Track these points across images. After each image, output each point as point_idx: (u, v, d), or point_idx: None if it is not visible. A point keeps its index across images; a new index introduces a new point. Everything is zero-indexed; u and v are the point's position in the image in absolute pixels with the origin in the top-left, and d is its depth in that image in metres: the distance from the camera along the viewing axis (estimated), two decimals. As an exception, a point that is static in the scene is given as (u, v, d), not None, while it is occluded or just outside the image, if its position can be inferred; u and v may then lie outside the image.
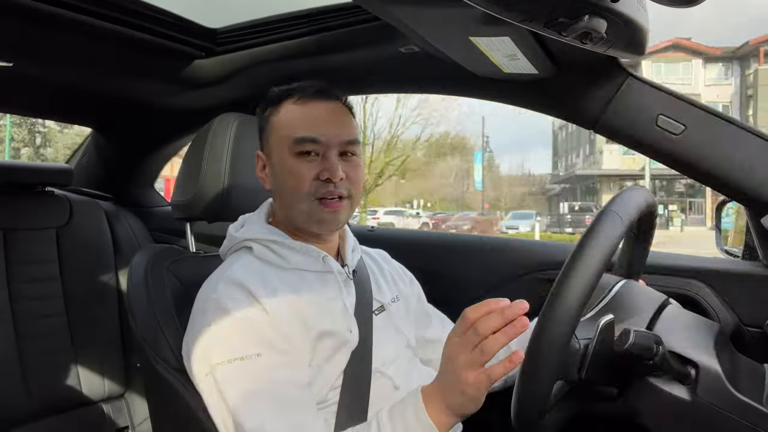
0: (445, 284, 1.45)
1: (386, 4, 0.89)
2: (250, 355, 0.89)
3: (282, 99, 1.04)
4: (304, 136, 0.99)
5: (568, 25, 0.75)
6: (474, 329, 0.77)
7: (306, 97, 1.02)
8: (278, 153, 1.02)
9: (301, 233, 1.05)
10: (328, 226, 1.02)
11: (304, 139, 0.99)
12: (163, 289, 1.10)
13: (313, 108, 1.02)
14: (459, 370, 0.79)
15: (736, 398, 0.79)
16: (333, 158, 0.99)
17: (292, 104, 1.03)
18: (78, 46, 1.36)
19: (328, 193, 0.99)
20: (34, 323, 1.57)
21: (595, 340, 0.82)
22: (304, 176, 0.98)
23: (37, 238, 1.64)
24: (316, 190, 0.99)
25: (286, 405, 0.87)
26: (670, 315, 0.90)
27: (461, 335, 0.79)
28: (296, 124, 1.00)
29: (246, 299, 0.94)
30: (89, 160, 2.12)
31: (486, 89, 1.33)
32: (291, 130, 1.00)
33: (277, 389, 0.88)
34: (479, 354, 0.77)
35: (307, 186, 0.98)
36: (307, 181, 0.98)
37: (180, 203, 1.28)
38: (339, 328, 0.99)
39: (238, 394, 0.87)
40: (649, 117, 1.12)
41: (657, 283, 1.22)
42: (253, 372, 0.88)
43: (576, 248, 0.77)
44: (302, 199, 0.99)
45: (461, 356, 0.78)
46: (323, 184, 0.99)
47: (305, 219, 1.01)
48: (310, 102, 1.02)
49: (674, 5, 0.73)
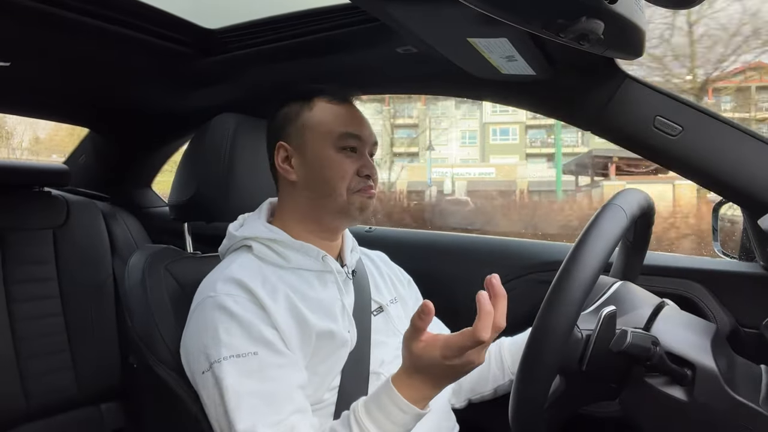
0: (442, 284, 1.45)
1: (384, 5, 0.89)
2: (247, 353, 0.89)
3: (313, 96, 1.08)
4: (349, 132, 1.05)
5: (565, 27, 0.75)
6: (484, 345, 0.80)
7: (339, 98, 1.08)
8: (317, 147, 1.05)
9: (309, 230, 1.06)
10: (366, 214, 1.07)
11: (348, 134, 1.05)
12: (161, 289, 1.09)
13: (349, 108, 1.08)
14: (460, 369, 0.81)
15: (733, 399, 0.79)
16: (367, 156, 1.06)
17: (326, 103, 1.07)
18: (75, 46, 1.36)
19: (367, 188, 1.04)
20: (31, 324, 1.57)
21: (597, 331, 0.82)
22: (347, 170, 1.04)
23: (34, 238, 1.63)
24: (356, 184, 1.04)
25: (279, 405, 0.87)
26: (667, 316, 0.90)
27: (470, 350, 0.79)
28: (339, 121, 1.06)
29: (244, 297, 0.94)
30: (86, 161, 2.11)
31: (483, 90, 1.33)
32: (334, 126, 1.05)
33: (271, 389, 0.88)
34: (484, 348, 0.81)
35: (349, 179, 1.03)
36: (349, 175, 1.03)
37: (177, 204, 1.27)
38: (337, 328, 0.99)
39: (233, 391, 0.87)
40: (647, 118, 1.12)
41: (654, 284, 1.23)
42: (249, 370, 0.88)
43: (580, 237, 0.78)
44: (342, 192, 1.03)
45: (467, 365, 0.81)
46: (362, 180, 1.04)
47: (341, 210, 1.04)
48: (343, 103, 1.08)
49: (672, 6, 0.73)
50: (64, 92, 1.75)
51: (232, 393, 0.87)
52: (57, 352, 1.60)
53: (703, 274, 1.24)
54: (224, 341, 0.90)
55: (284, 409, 0.87)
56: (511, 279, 1.44)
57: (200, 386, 0.93)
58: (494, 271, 1.48)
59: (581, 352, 0.83)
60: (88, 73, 1.57)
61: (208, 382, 0.91)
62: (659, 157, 1.15)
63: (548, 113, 1.31)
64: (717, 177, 1.11)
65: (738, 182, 1.09)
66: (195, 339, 0.95)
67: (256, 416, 0.85)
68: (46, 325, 1.60)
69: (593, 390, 0.89)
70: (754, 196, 1.08)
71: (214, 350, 0.90)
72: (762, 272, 1.19)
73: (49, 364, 1.58)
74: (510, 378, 1.15)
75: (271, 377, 0.89)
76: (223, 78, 1.55)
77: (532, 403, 0.76)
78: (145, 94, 1.73)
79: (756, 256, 1.21)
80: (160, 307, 1.07)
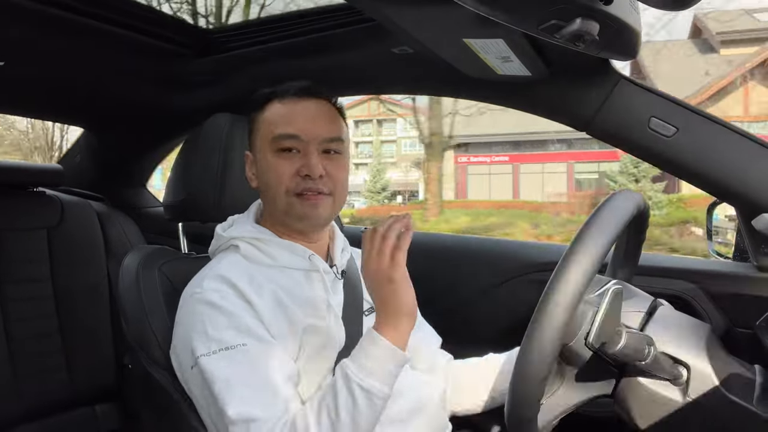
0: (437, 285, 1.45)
1: (379, 5, 0.89)
2: (236, 345, 0.90)
3: (269, 99, 1.06)
4: (282, 132, 1.01)
5: (560, 28, 0.75)
6: (383, 238, 0.89)
7: (290, 95, 1.04)
8: (261, 151, 1.04)
9: (289, 232, 1.05)
10: (310, 221, 1.03)
11: (283, 135, 1.01)
12: (155, 290, 1.09)
13: (296, 106, 1.04)
14: (390, 279, 0.88)
15: (727, 399, 0.80)
16: (313, 155, 1.01)
17: (277, 103, 1.05)
18: (70, 45, 1.35)
19: (307, 190, 1.00)
20: (25, 324, 1.56)
21: (605, 305, 0.81)
22: (284, 172, 1.00)
23: (29, 238, 1.63)
24: (296, 185, 1.00)
25: (273, 393, 0.87)
26: (661, 316, 0.90)
27: (377, 253, 0.89)
28: (278, 122, 1.02)
29: (231, 293, 0.94)
30: (81, 161, 2.10)
31: (478, 91, 1.33)
32: (272, 127, 1.02)
33: (263, 378, 0.88)
34: (399, 253, 0.89)
35: (287, 181, 1.00)
36: (286, 177, 1.00)
37: (172, 204, 1.27)
38: (324, 325, 0.99)
39: (224, 383, 0.87)
40: (642, 119, 1.12)
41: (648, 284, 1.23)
42: (239, 361, 0.89)
43: (589, 219, 0.78)
44: (282, 195, 1.01)
45: (385, 268, 0.88)
46: (302, 181, 1.00)
47: (286, 215, 1.03)
48: (294, 100, 1.04)
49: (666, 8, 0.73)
50: (58, 92, 1.74)
51: (221, 384, 0.87)
52: (51, 353, 1.60)
53: (698, 274, 1.24)
54: (212, 335, 0.90)
55: (277, 396, 0.87)
56: (509, 279, 1.44)
57: (190, 382, 0.94)
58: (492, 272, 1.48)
59: (588, 328, 0.82)
60: (83, 72, 1.56)
61: (197, 377, 0.91)
62: (654, 158, 1.16)
63: (543, 114, 1.31)
64: (711, 178, 1.11)
65: (732, 183, 1.09)
66: (182, 335, 0.95)
67: (249, 404, 0.85)
68: (41, 325, 1.59)
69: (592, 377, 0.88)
70: (747, 196, 1.09)
71: (201, 344, 0.90)
72: (756, 273, 1.19)
73: (43, 364, 1.58)
74: (492, 396, 1.14)
75: (263, 365, 0.89)
76: (218, 78, 1.54)
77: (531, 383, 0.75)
78: (140, 94, 1.73)
79: (750, 256, 1.21)
80: (154, 307, 1.07)
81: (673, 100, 1.12)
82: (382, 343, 0.88)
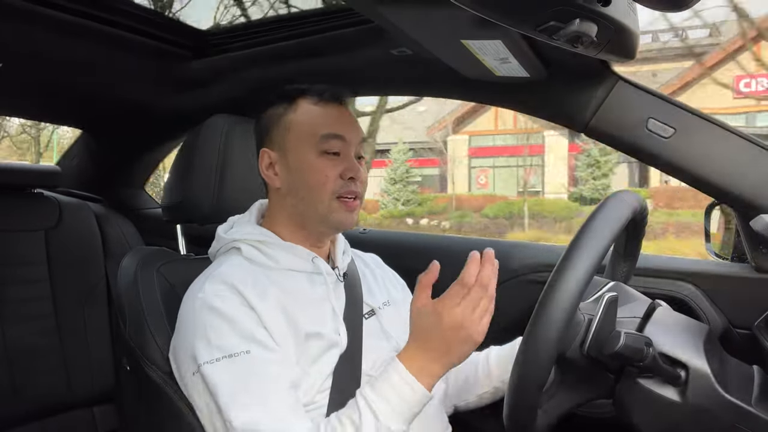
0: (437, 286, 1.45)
1: (378, 7, 0.89)
2: (239, 352, 0.89)
3: (296, 98, 1.05)
4: (330, 132, 1.01)
5: (559, 29, 0.75)
6: (480, 286, 0.85)
7: (324, 98, 1.04)
8: (299, 150, 1.02)
9: (305, 235, 1.05)
10: (345, 227, 1.05)
11: (330, 135, 1.01)
12: (153, 291, 1.09)
13: (332, 109, 1.04)
14: (464, 328, 0.84)
15: (726, 399, 0.80)
16: (353, 158, 1.02)
17: (310, 104, 1.04)
18: (68, 46, 1.35)
19: (350, 192, 1.01)
20: (23, 325, 1.56)
21: (599, 314, 0.82)
22: (329, 174, 1.00)
23: (26, 239, 1.62)
24: (339, 187, 1.01)
25: (277, 401, 0.87)
26: (660, 317, 0.90)
27: (462, 298, 0.84)
28: (321, 123, 1.02)
29: (233, 297, 0.93)
30: (79, 162, 2.10)
31: (477, 92, 1.33)
32: (316, 128, 1.02)
33: (267, 385, 0.87)
34: (487, 302, 0.85)
35: (332, 183, 1.00)
36: (332, 179, 1.00)
37: (170, 205, 1.27)
38: (326, 330, 0.98)
39: (229, 391, 0.87)
40: (639, 120, 1.12)
41: (647, 285, 1.23)
42: (243, 369, 0.88)
43: (585, 222, 0.79)
44: (324, 197, 1.01)
45: (468, 315, 0.84)
46: (345, 183, 1.01)
47: (323, 219, 1.02)
48: (327, 103, 1.04)
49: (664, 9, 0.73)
50: (57, 93, 1.74)
51: (225, 393, 0.86)
52: (49, 354, 1.59)
53: (696, 275, 1.24)
54: (215, 342, 0.90)
55: (281, 403, 0.87)
56: (506, 280, 1.43)
57: (190, 387, 0.93)
58: None
59: (583, 336, 0.83)
60: (81, 74, 1.56)
61: (198, 384, 0.90)
62: (652, 159, 1.16)
63: (541, 115, 1.31)
64: (709, 179, 1.11)
65: (730, 184, 1.10)
66: (184, 340, 0.94)
67: (255, 412, 0.85)
68: (38, 326, 1.59)
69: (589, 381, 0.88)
70: (745, 197, 1.09)
71: (204, 351, 0.90)
72: (754, 273, 1.19)
73: (41, 366, 1.57)
74: (495, 386, 1.14)
75: (266, 373, 0.88)
76: (216, 79, 1.54)
77: (529, 391, 0.76)
78: (138, 96, 1.73)
79: (748, 257, 1.21)
80: (152, 309, 1.07)
81: (671, 102, 1.13)
82: (419, 389, 0.87)
